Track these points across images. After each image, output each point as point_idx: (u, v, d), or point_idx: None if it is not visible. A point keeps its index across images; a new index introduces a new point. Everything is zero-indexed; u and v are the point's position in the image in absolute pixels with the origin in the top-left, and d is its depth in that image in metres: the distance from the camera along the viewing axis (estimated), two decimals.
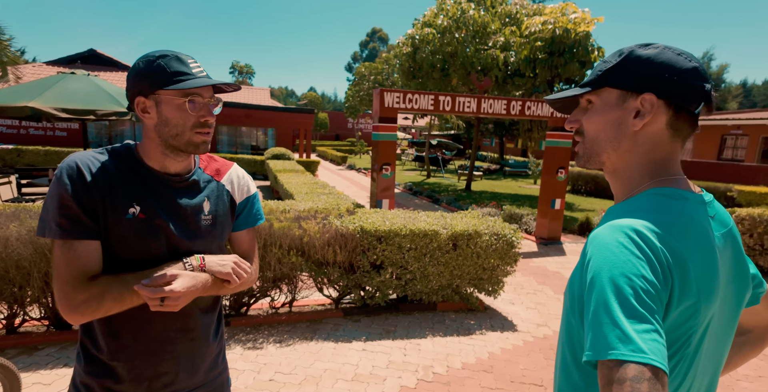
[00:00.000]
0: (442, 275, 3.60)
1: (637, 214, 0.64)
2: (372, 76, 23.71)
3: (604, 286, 0.57)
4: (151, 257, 0.98)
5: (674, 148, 0.71)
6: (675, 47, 0.69)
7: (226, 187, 1.13)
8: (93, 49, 18.73)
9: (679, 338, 0.61)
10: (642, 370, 0.50)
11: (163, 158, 1.01)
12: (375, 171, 5.45)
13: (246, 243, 1.21)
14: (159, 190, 1.00)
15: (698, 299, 0.61)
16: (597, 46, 10.05)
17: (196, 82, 0.95)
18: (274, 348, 2.99)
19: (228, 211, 1.13)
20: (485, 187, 14.34)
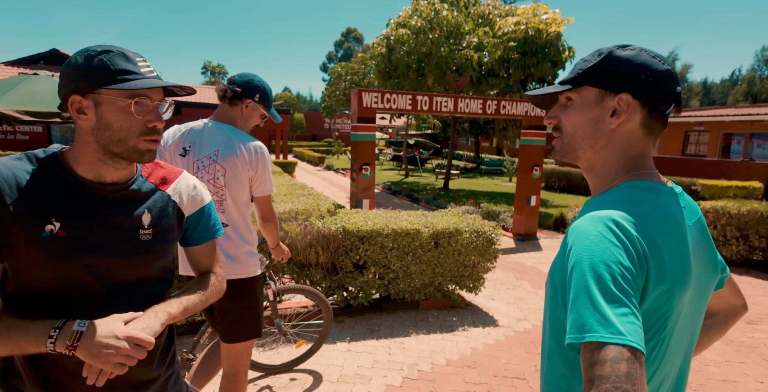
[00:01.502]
0: (425, 273, 3.63)
1: (614, 205, 0.67)
2: (348, 76, 23.63)
3: (585, 272, 0.60)
4: (74, 284, 0.86)
5: (647, 145, 0.75)
6: (650, 50, 0.73)
7: (172, 198, 1.02)
8: (56, 49, 17.94)
9: (656, 322, 0.65)
10: (621, 351, 0.53)
11: (98, 166, 0.89)
12: (355, 171, 5.44)
13: (205, 258, 1.12)
14: (87, 202, 0.88)
15: (673, 284, 0.64)
16: (568, 46, 10.34)
17: (144, 82, 0.85)
18: (257, 352, 2.94)
19: (174, 224, 1.01)
20: (462, 185, 14.52)
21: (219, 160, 1.74)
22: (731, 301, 0.93)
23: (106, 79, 0.83)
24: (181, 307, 0.97)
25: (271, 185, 1.85)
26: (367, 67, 22.06)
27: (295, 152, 27.02)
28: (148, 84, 0.85)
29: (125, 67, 0.85)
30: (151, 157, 0.93)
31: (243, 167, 1.75)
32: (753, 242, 5.19)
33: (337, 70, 23.99)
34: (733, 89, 43.39)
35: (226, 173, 1.74)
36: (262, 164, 1.78)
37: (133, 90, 0.85)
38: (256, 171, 1.78)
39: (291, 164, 14.49)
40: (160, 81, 0.88)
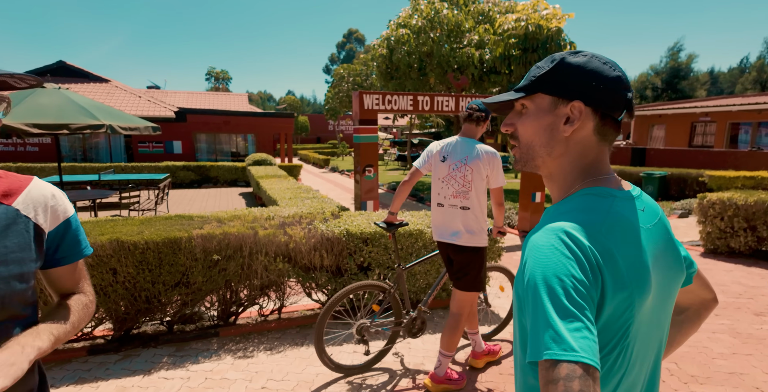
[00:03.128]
0: (429, 273, 3.65)
1: (568, 215, 0.67)
2: (351, 78, 23.69)
3: (538, 287, 0.60)
4: None
5: (602, 151, 0.75)
6: (601, 56, 0.72)
7: (22, 212, 0.83)
8: (62, 60, 18.22)
9: (618, 330, 0.64)
10: (573, 368, 0.53)
11: None
12: (358, 173, 5.48)
13: (71, 278, 0.94)
14: None
15: (632, 292, 0.64)
16: (569, 41, 10.28)
17: None
18: (265, 355, 2.99)
19: (30, 244, 0.83)
20: None
21: (468, 163, 2.48)
22: (701, 295, 0.92)
23: None
24: (53, 338, 0.80)
25: (502, 179, 2.51)
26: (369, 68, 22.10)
27: (300, 155, 27.15)
28: None
29: None
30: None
31: (483, 167, 2.47)
32: (761, 233, 5.14)
33: (340, 72, 24.06)
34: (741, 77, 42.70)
35: (472, 172, 2.47)
36: (496, 164, 2.49)
37: None
38: (492, 169, 2.49)
39: (296, 167, 14.59)
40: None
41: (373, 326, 2.70)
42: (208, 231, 3.12)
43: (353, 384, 2.65)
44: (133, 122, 6.22)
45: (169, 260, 2.99)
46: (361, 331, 2.69)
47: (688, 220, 7.90)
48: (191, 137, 17.03)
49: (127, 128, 5.90)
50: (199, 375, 2.71)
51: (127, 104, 16.63)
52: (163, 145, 16.53)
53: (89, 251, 0.95)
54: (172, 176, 13.14)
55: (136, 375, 2.72)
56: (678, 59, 41.39)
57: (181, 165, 13.63)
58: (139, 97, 17.68)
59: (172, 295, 3.09)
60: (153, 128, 6.56)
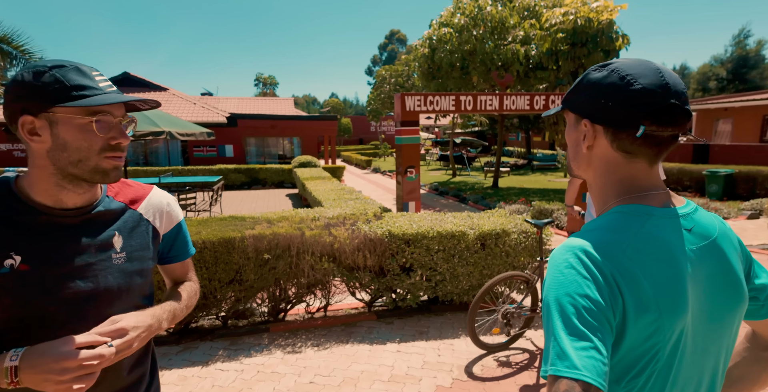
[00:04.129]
0: (472, 275, 3.63)
1: (593, 233, 0.67)
2: (392, 79, 23.82)
3: (551, 305, 0.61)
4: (42, 321, 0.80)
5: (635, 168, 0.71)
6: (626, 68, 0.68)
7: (144, 216, 0.95)
8: (127, 72, 19.76)
9: (646, 353, 0.63)
10: (573, 385, 0.53)
11: (57, 191, 0.82)
12: (400, 174, 5.53)
13: (179, 271, 1.09)
14: (49, 231, 0.81)
15: (659, 315, 0.62)
16: (622, 34, 9.78)
17: (105, 98, 0.78)
18: (312, 351, 3.11)
19: (149, 244, 0.95)
20: (513, 183, 14.14)
21: None
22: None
23: (61, 97, 0.76)
24: (168, 315, 0.93)
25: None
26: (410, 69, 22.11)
27: (343, 157, 27.65)
28: (110, 100, 0.78)
29: (82, 83, 0.78)
30: (118, 176, 0.86)
31: None
32: None
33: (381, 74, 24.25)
34: None
35: None
36: None
37: (94, 107, 0.78)
38: None
39: (339, 168, 14.89)
40: (122, 96, 0.81)
41: (516, 311, 3.09)
42: (259, 232, 3.29)
43: (396, 383, 2.70)
44: (189, 128, 6.65)
45: (224, 259, 3.18)
46: (506, 315, 3.08)
47: (758, 221, 7.27)
48: (241, 141, 17.85)
49: (184, 134, 6.31)
50: (251, 368, 2.87)
51: (183, 110, 17.72)
52: (216, 149, 17.46)
53: (193, 251, 1.11)
54: (225, 178, 13.83)
55: (195, 365, 2.92)
56: (745, 47, 37.94)
57: (232, 168, 14.33)
58: (194, 103, 18.78)
59: (227, 291, 3.28)
60: (207, 133, 6.97)
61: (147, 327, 0.84)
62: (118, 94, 0.81)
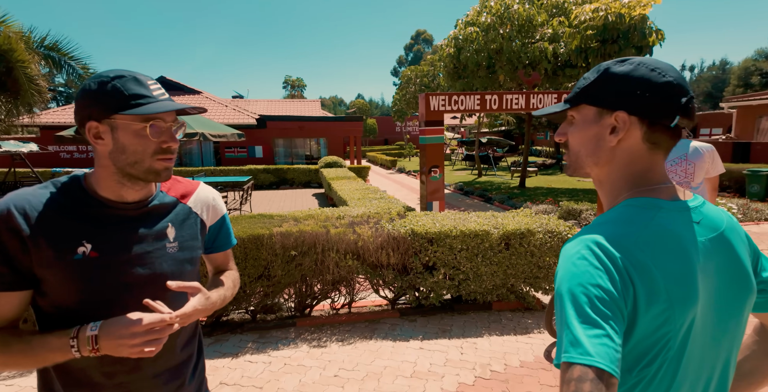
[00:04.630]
0: (496, 274, 3.63)
1: (604, 226, 0.68)
2: (418, 79, 23.80)
3: (563, 295, 0.63)
4: (109, 301, 0.90)
5: (654, 160, 0.73)
6: (651, 61, 0.70)
7: (193, 209, 1.05)
8: (163, 76, 20.61)
9: (657, 342, 0.64)
10: (586, 371, 0.55)
11: (119, 188, 0.92)
12: (424, 174, 5.56)
13: (221, 260, 1.19)
14: (113, 222, 0.92)
15: (670, 304, 0.63)
16: (656, 29, 9.44)
17: (157, 106, 0.87)
18: (337, 346, 3.19)
19: (197, 235, 1.05)
20: (540, 183, 13.87)
21: (689, 158, 2.99)
22: None
23: (120, 105, 0.85)
24: (220, 299, 1.05)
25: (721, 167, 2.97)
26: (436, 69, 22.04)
27: (368, 157, 27.82)
28: (162, 108, 0.87)
29: (138, 92, 0.87)
30: (168, 175, 0.94)
31: (707, 160, 2.94)
32: None
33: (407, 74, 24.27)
34: None
35: (694, 166, 2.96)
36: (716, 157, 2.96)
37: (148, 114, 0.87)
38: (712, 161, 2.95)
39: (364, 169, 15.01)
40: (173, 104, 0.90)
41: None
42: (286, 229, 3.40)
43: (419, 379, 2.74)
44: (221, 129, 6.89)
45: (253, 255, 3.31)
46: None
47: None
48: (270, 142, 18.28)
49: (216, 135, 6.55)
50: (279, 361, 2.98)
51: (215, 112, 18.30)
52: (246, 150, 17.95)
53: (235, 241, 1.21)
54: (254, 178, 14.20)
55: (226, 357, 3.06)
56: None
57: (261, 168, 14.70)
58: (225, 106, 19.36)
59: (256, 286, 3.41)
60: (238, 135, 7.21)
61: (203, 303, 0.95)
62: (170, 102, 0.90)
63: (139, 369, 0.94)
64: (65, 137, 5.92)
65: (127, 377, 0.94)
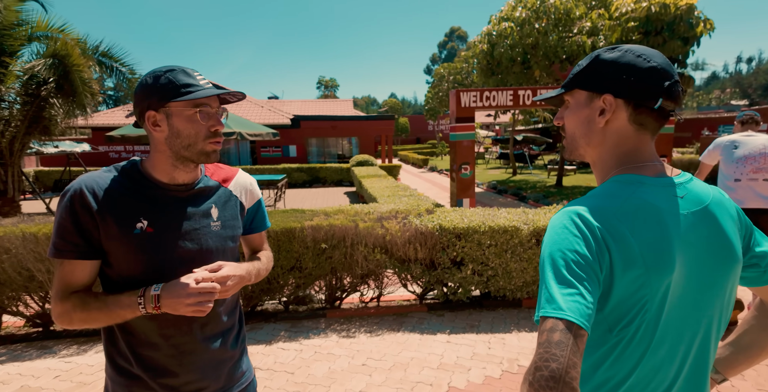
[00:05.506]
0: (526, 271, 3.59)
1: (588, 199, 0.75)
2: (451, 77, 23.59)
3: (545, 259, 0.70)
4: (162, 271, 1.00)
5: (641, 139, 0.79)
6: (639, 49, 0.76)
7: (234, 193, 1.16)
8: None
9: (635, 305, 0.70)
10: (557, 323, 0.61)
11: (172, 170, 1.03)
12: (454, 171, 5.55)
13: (260, 242, 1.30)
14: (166, 202, 1.03)
15: (646, 270, 0.69)
16: (704, 19, 8.94)
17: (205, 92, 0.98)
18: (365, 337, 3.26)
19: (237, 215, 1.16)
20: (579, 181, 13.44)
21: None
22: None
23: (174, 93, 0.96)
24: (254, 271, 1.15)
25: None
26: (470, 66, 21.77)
27: (399, 156, 27.84)
28: (208, 93, 0.97)
29: (187, 82, 0.97)
30: (216, 157, 1.05)
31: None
32: None
33: (440, 72, 24.12)
34: None
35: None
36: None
37: (197, 100, 0.98)
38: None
39: (395, 167, 15.08)
40: (217, 90, 1.00)
41: None
42: (317, 223, 3.51)
43: (445, 370, 2.77)
44: (257, 129, 7.15)
45: (285, 247, 3.44)
46: None
47: None
48: (304, 142, 18.69)
49: (253, 134, 6.80)
50: (309, 349, 3.09)
51: (251, 113, 18.91)
52: (280, 149, 18.44)
53: (269, 224, 1.32)
54: (288, 176, 14.58)
55: (260, 344, 3.20)
56: None
57: (295, 167, 15.07)
58: (261, 107, 19.96)
59: (288, 278, 3.55)
60: (273, 134, 7.45)
61: (240, 277, 1.05)
62: (214, 89, 1.01)
63: (190, 332, 1.06)
64: (114, 137, 6.33)
65: (181, 339, 1.06)
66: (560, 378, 0.57)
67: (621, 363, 0.72)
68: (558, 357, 0.58)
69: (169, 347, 1.05)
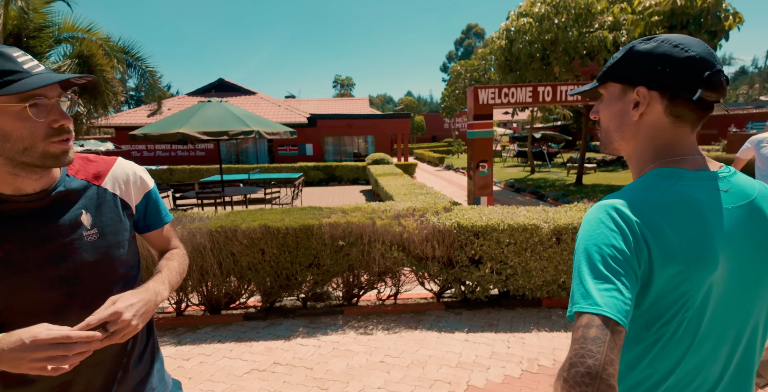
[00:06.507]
0: (546, 270, 3.53)
1: (625, 193, 0.72)
2: (468, 74, 23.38)
3: (580, 254, 0.67)
4: (30, 302, 0.82)
5: (679, 132, 0.75)
6: (675, 38, 0.73)
7: (110, 190, 0.95)
8: (222, 78, 21.84)
9: (675, 302, 0.67)
10: (593, 318, 0.60)
11: (13, 180, 0.82)
12: (471, 169, 5.50)
13: (162, 240, 1.09)
14: (14, 218, 0.82)
15: (687, 265, 0.66)
16: (733, 11, 8.63)
17: (34, 80, 0.75)
18: (383, 334, 3.26)
19: (120, 216, 0.95)
20: (600, 180, 13.18)
21: None
22: None
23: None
24: (168, 286, 0.95)
25: None
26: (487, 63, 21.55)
27: (415, 154, 27.75)
28: (40, 82, 0.74)
29: (5, 68, 0.74)
30: (69, 159, 0.83)
31: None
32: None
33: (457, 69, 23.93)
34: None
35: None
36: None
37: (24, 92, 0.74)
38: None
39: (411, 165, 15.04)
40: (53, 75, 0.77)
41: None
42: (335, 220, 3.52)
43: (464, 369, 2.75)
44: (275, 127, 7.21)
45: (303, 244, 3.47)
46: None
47: None
48: (320, 140, 18.81)
49: (270, 133, 6.86)
50: (327, 345, 3.11)
51: (269, 112, 19.12)
52: (297, 148, 18.60)
53: (170, 218, 1.09)
54: (305, 175, 14.69)
55: (279, 339, 3.23)
56: None
57: (312, 165, 15.18)
58: (279, 106, 20.16)
59: (306, 274, 3.57)
60: (290, 132, 7.50)
61: (144, 303, 0.83)
62: (48, 74, 0.78)
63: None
64: (137, 136, 6.47)
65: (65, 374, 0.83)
66: (597, 375, 0.54)
67: (659, 361, 0.69)
68: (594, 353, 0.56)
69: (49, 379, 0.84)
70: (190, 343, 3.22)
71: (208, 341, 3.26)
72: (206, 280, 3.55)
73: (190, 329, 3.48)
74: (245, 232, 3.43)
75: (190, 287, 3.59)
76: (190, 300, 3.70)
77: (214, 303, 3.66)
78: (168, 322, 3.57)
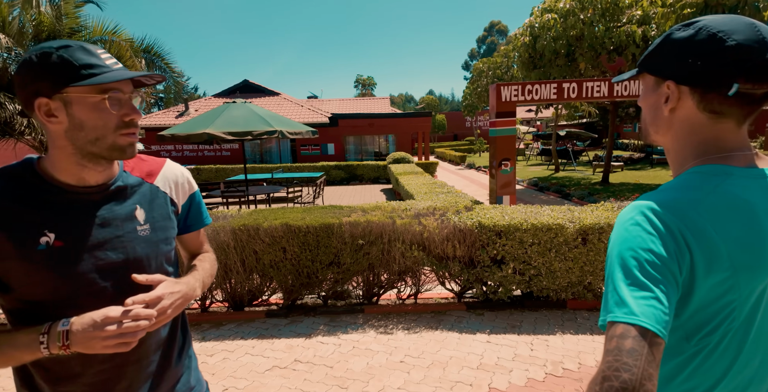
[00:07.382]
0: (571, 271, 3.44)
1: (663, 192, 0.66)
2: (490, 72, 23.06)
3: (614, 259, 0.62)
4: (82, 291, 0.85)
5: (720, 128, 0.68)
6: (717, 23, 0.65)
7: (161, 188, 1.00)
8: (246, 79, 22.28)
9: (720, 311, 0.62)
10: (629, 329, 0.55)
11: (79, 170, 0.85)
12: (494, 168, 5.41)
13: (196, 243, 1.14)
14: (75, 208, 0.85)
15: (734, 272, 0.60)
16: None
17: (114, 75, 0.79)
18: (403, 334, 3.25)
19: (169, 214, 1.00)
20: (627, 178, 12.77)
21: None
22: None
23: (71, 76, 0.77)
24: (201, 284, 0.99)
25: None
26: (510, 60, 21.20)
27: (437, 153, 27.58)
28: (119, 76, 0.79)
29: (90, 62, 0.79)
30: (133, 152, 0.88)
31: None
32: None
33: (479, 67, 23.64)
34: None
35: None
36: None
37: (105, 84, 0.79)
38: None
39: (432, 164, 14.95)
40: (130, 72, 0.83)
41: None
42: (355, 219, 3.53)
43: (486, 371, 2.71)
44: (297, 127, 7.28)
45: (324, 243, 3.49)
46: None
47: None
48: (342, 140, 18.92)
49: (293, 132, 6.93)
50: (348, 343, 3.12)
51: (292, 112, 19.37)
52: (319, 147, 18.77)
53: (209, 220, 1.14)
54: (326, 174, 14.81)
55: (300, 337, 3.26)
56: None
57: (333, 165, 15.29)
58: (301, 106, 20.40)
59: (327, 273, 3.59)
60: (312, 132, 7.57)
61: (182, 295, 0.89)
62: (125, 71, 0.83)
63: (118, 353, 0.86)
64: (165, 136, 6.65)
65: (107, 364, 0.89)
66: (633, 391, 0.50)
67: (700, 375, 0.64)
68: (631, 367, 0.52)
69: (94, 375, 0.88)
70: (214, 339, 3.28)
71: (231, 337, 3.31)
72: (230, 277, 3.61)
73: (214, 325, 3.55)
74: (267, 230, 3.47)
75: (214, 285, 3.66)
76: (215, 297, 3.78)
77: (237, 299, 3.73)
78: (193, 318, 3.66)
